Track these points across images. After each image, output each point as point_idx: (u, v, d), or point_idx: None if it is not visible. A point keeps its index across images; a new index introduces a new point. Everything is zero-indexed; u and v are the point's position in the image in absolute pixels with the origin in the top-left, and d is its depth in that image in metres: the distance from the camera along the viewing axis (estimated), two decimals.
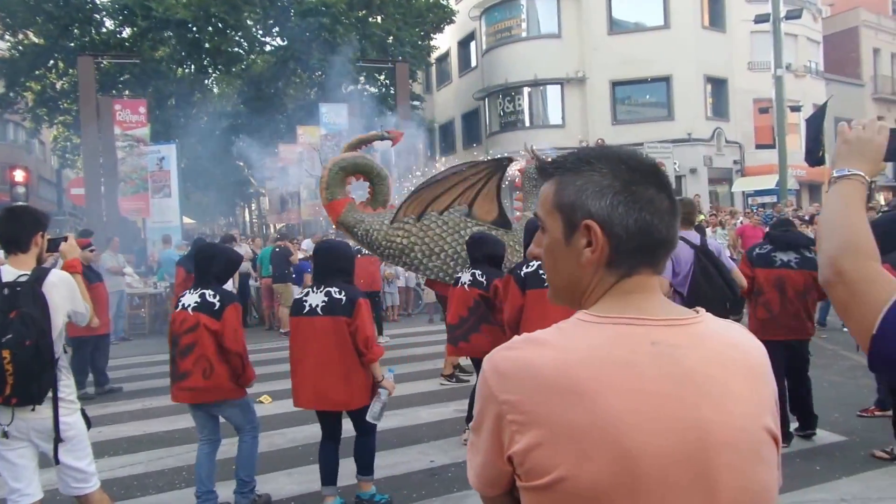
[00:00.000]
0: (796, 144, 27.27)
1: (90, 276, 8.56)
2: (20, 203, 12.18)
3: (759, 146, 27.61)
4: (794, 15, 20.63)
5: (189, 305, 4.56)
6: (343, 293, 4.56)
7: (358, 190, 8.85)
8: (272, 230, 26.12)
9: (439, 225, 7.77)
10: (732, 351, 1.17)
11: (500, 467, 1.15)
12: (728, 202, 26.42)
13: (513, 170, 9.64)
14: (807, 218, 17.82)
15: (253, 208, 44.32)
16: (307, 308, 4.59)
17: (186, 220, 27.00)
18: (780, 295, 5.61)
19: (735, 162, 27.43)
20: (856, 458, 5.41)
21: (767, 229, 7.51)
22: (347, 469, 4.88)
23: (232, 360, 4.57)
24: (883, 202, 32.29)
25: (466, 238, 7.09)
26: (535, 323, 4.70)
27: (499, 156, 9.16)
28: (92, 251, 8.96)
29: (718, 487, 1.09)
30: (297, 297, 4.79)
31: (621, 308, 1.16)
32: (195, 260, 4.83)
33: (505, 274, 5.49)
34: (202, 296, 4.57)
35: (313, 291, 4.65)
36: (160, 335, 13.55)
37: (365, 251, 8.91)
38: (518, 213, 8.28)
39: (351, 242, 7.64)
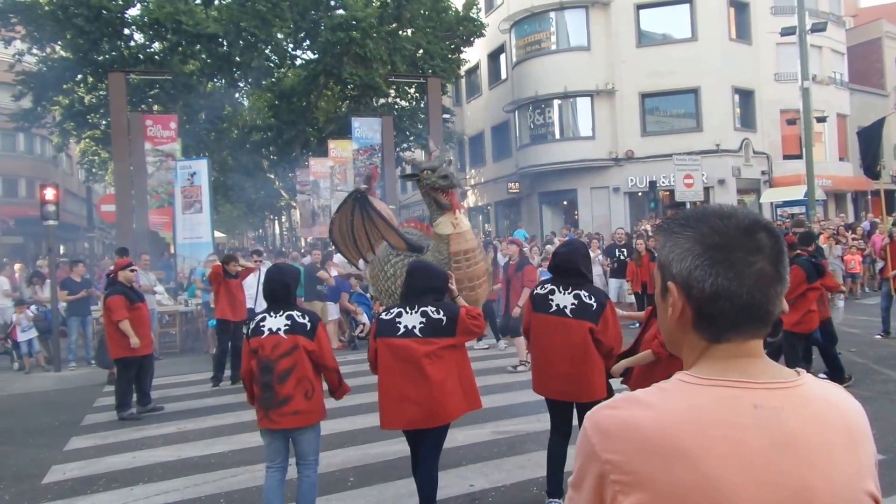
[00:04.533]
0: (822, 154, 27.06)
1: (132, 296, 8.59)
2: None
3: (786, 157, 27.53)
4: (819, 27, 20.47)
5: (279, 329, 4.48)
6: (441, 312, 4.54)
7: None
8: (302, 243, 26.19)
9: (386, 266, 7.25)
10: (833, 413, 1.16)
11: None
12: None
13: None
14: (834, 231, 17.65)
15: (283, 221, 44.55)
16: (402, 330, 4.52)
17: (217, 234, 27.11)
18: None
19: (763, 172, 27.22)
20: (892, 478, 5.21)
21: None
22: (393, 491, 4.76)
23: (329, 377, 4.67)
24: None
25: (394, 271, 6.81)
26: (540, 346, 4.97)
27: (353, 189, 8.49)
28: (132, 271, 8.85)
29: None
30: (386, 317, 4.65)
31: (722, 371, 1.17)
32: (269, 286, 4.71)
33: None
34: (290, 318, 4.52)
35: (406, 312, 4.57)
36: (192, 354, 13.60)
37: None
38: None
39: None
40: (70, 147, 32.76)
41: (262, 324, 4.53)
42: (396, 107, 27.65)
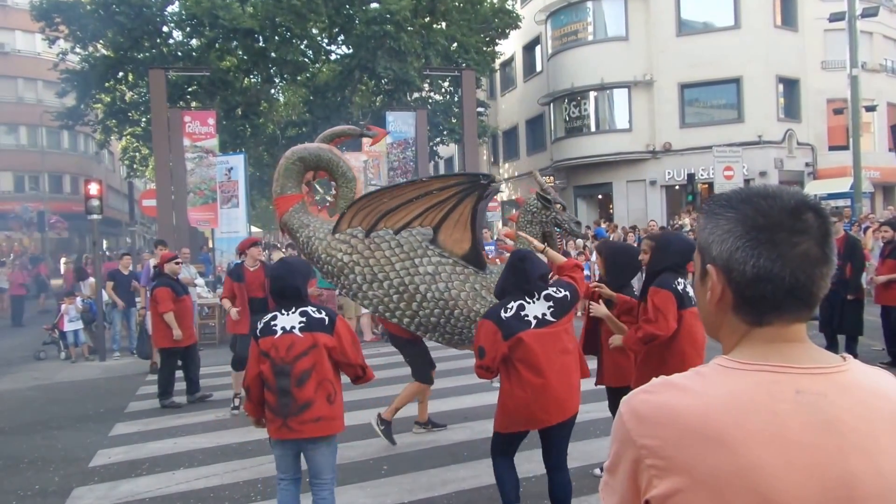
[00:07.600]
0: (870, 145, 26.30)
1: (177, 288, 8.79)
2: None
3: (832, 148, 26.69)
4: (870, 12, 19.79)
5: (294, 327, 4.04)
6: (562, 289, 4.32)
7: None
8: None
9: (391, 246, 6.11)
10: (880, 401, 1.13)
11: None
12: None
13: (502, 193, 7.38)
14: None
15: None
16: (534, 321, 4.15)
17: (253, 228, 27.47)
18: None
19: (807, 164, 26.55)
20: None
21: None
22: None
23: (352, 372, 4.21)
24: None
25: (420, 269, 5.98)
26: (691, 341, 4.55)
27: (476, 172, 7.47)
28: (178, 264, 9.04)
29: None
30: (508, 314, 4.17)
31: (763, 355, 1.15)
32: (278, 284, 4.23)
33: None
34: (305, 314, 4.08)
35: (529, 301, 4.21)
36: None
37: None
38: (505, 252, 6.45)
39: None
40: (112, 144, 33.41)
41: (273, 323, 4.08)
42: (430, 101, 27.61)
